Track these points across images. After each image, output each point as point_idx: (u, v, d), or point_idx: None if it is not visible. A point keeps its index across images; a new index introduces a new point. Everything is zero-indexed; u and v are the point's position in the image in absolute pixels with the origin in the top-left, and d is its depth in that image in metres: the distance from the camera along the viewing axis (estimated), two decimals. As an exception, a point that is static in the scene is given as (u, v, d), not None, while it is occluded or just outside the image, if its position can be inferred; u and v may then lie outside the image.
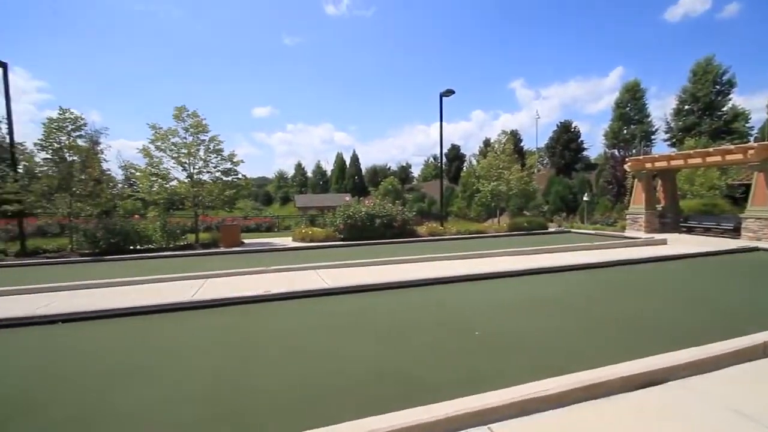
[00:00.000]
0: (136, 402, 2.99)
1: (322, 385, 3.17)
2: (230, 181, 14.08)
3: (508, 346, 3.95)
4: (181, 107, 13.00)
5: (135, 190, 14.38)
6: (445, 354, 3.80)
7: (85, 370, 3.68)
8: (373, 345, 4.11)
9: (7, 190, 11.72)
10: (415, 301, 5.96)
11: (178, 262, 10.64)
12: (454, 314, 5.27)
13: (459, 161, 57.41)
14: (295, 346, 4.17)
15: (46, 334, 4.79)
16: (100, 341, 4.52)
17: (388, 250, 11.84)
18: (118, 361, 3.87)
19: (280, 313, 5.47)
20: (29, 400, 3.08)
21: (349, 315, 5.31)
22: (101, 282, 7.64)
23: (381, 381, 3.21)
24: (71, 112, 12.16)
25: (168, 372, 3.57)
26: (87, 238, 11.93)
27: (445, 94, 17.04)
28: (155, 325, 5.06)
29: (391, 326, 4.75)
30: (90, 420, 2.76)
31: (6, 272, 9.64)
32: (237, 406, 2.88)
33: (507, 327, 4.61)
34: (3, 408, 2.97)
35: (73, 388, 3.31)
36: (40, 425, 2.71)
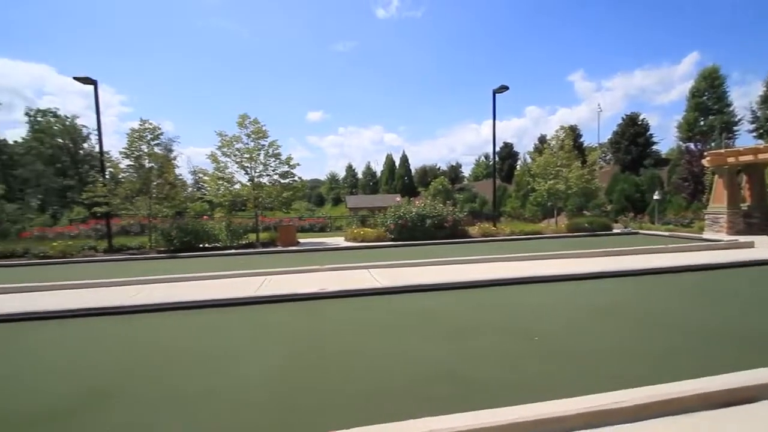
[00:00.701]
0: (210, 386, 3.25)
1: (379, 383, 3.23)
2: (287, 183, 14.78)
3: (570, 353, 3.76)
4: (244, 115, 13.90)
5: (203, 193, 15.61)
6: (504, 357, 3.70)
7: (166, 356, 4.07)
8: (428, 345, 4.11)
9: (97, 193, 13.26)
10: (470, 303, 5.86)
11: (241, 259, 11.37)
12: (512, 317, 5.11)
13: (512, 159, 55.34)
14: (351, 342, 4.29)
15: (132, 322, 5.35)
16: (178, 330, 4.97)
17: (439, 251, 11.75)
18: (194, 349, 4.23)
19: (335, 311, 5.64)
20: (122, 380, 3.48)
21: (403, 315, 5.35)
22: (177, 276, 8.36)
23: (438, 382, 3.20)
24: (150, 123, 13.50)
25: (237, 362, 3.83)
26: (163, 236, 13.16)
27: (499, 90, 16.53)
28: (225, 318, 5.45)
29: (447, 327, 4.71)
30: (176, 399, 3.05)
31: (96, 266, 10.92)
32: (298, 398, 3.03)
33: (569, 333, 4.38)
34: (103, 386, 3.37)
35: (159, 371, 3.68)
36: (136, 402, 3.04)
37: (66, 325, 5.28)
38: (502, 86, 16.46)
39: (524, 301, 5.95)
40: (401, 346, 4.10)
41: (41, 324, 5.34)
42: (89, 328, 5.16)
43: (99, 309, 5.74)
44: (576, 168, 18.06)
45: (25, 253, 12.86)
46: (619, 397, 2.66)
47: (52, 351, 4.40)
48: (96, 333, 4.97)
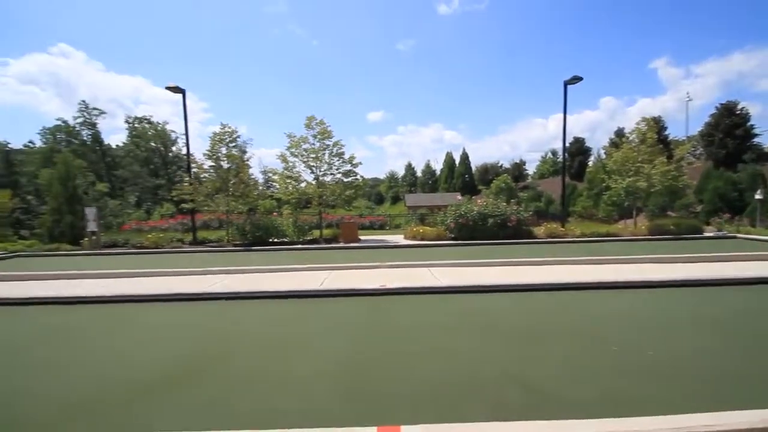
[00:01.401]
0: (284, 370, 3.49)
1: (443, 382, 3.21)
2: (349, 182, 15.24)
3: (654, 368, 3.43)
4: (311, 117, 14.60)
5: (273, 191, 16.67)
6: (578, 366, 3.49)
7: (244, 341, 4.43)
8: (493, 348, 4.00)
9: (183, 191, 14.76)
10: (537, 306, 5.60)
11: (306, 254, 11.97)
12: (585, 324, 4.79)
13: (583, 155, 51.45)
14: (413, 340, 4.32)
15: (212, 309, 5.89)
16: (253, 317, 5.38)
17: (502, 251, 11.35)
18: (268, 335, 4.56)
19: (397, 307, 5.71)
20: (208, 360, 3.86)
21: (466, 315, 5.27)
22: (250, 268, 9.03)
23: (505, 387, 3.11)
24: (229, 127, 14.73)
25: (306, 350, 4.06)
26: (239, 231, 14.30)
27: (571, 81, 15.48)
28: (294, 308, 5.78)
29: (513, 330, 4.55)
30: (254, 380, 3.32)
31: (183, 256, 12.16)
32: (363, 389, 3.12)
33: (654, 346, 4.00)
34: (193, 364, 3.77)
35: (238, 354, 4.02)
36: (220, 380, 3.37)
37: (162, 308, 5.96)
38: (574, 77, 15.40)
39: (599, 307, 5.54)
40: (465, 347, 4.05)
41: (142, 305, 6.10)
42: (178, 311, 5.79)
43: (187, 294, 6.41)
44: (661, 164, 16.30)
45: (126, 243, 14.74)
46: (710, 420, 2.39)
47: (152, 329, 5.00)
48: (184, 316, 5.55)
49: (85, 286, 7.48)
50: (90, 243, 14.01)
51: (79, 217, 15.53)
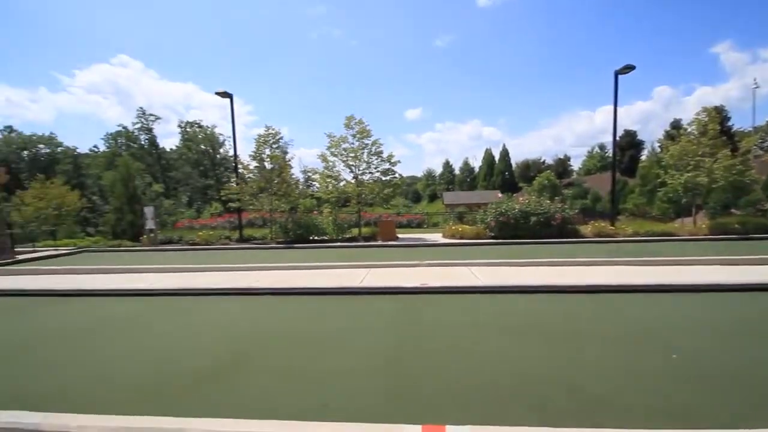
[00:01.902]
0: (324, 364, 3.59)
1: (483, 383, 3.15)
2: (388, 180, 15.32)
3: (722, 378, 3.17)
4: (351, 116, 14.84)
5: (312, 190, 17.12)
6: (631, 373, 3.30)
7: (287, 334, 4.60)
8: (538, 350, 3.88)
9: (231, 191, 15.52)
10: (585, 309, 5.35)
11: (346, 251, 12.18)
12: (639, 329, 4.51)
13: (635, 149, 48.42)
14: (453, 339, 4.27)
15: (259, 303, 6.16)
16: (295, 312, 5.56)
17: (545, 251, 10.94)
18: (310, 329, 4.70)
19: (437, 306, 5.67)
20: (254, 351, 4.05)
21: (508, 315, 5.14)
22: (293, 265, 9.34)
23: (551, 391, 3.01)
24: (272, 129, 15.30)
25: (346, 346, 4.15)
26: (281, 229, 14.83)
27: (622, 71, 14.59)
28: (335, 304, 5.92)
29: (559, 332, 4.39)
30: (296, 372, 3.45)
31: (231, 253, 12.79)
32: (401, 387, 3.14)
33: (721, 354, 3.70)
34: (239, 355, 3.98)
35: (282, 347, 4.19)
36: (264, 371, 3.53)
37: (214, 301, 6.32)
38: (626, 66, 14.50)
39: (655, 311, 5.20)
40: (507, 348, 3.96)
41: (196, 298, 6.50)
42: (229, 305, 6.11)
43: (236, 289, 6.75)
44: (724, 157, 14.97)
45: (179, 240, 15.74)
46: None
47: (205, 321, 5.32)
48: (234, 310, 5.85)
49: (146, 280, 8.08)
50: (148, 239, 15.11)
51: (138, 216, 16.79)
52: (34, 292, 7.13)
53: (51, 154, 54.91)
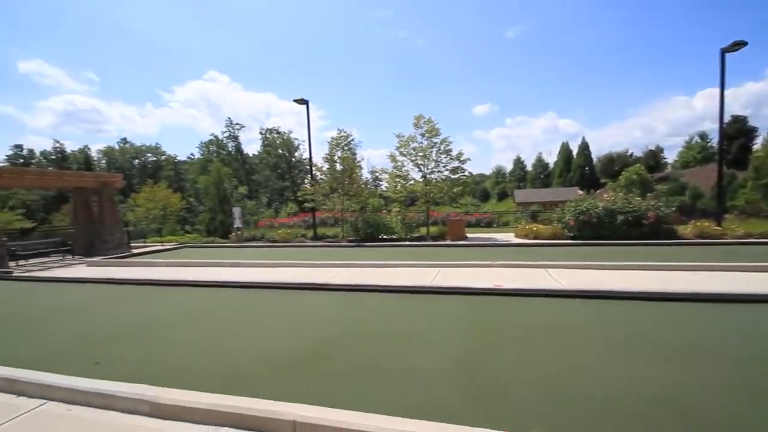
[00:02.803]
0: (403, 363, 3.68)
1: (570, 394, 3.00)
2: (457, 178, 15.10)
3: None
4: (419, 116, 14.90)
5: (380, 190, 17.50)
6: (747, 392, 2.90)
7: (365, 330, 4.79)
8: (632, 362, 3.56)
9: (306, 192, 16.49)
10: (686, 319, 4.77)
11: (414, 250, 12.25)
12: (755, 344, 3.93)
13: (746, 137, 41.66)
14: (533, 345, 4.10)
15: (335, 298, 6.48)
16: (369, 309, 5.76)
17: (635, 253, 9.93)
18: (385, 326, 4.85)
19: (512, 309, 5.48)
20: (332, 345, 4.29)
21: (590, 322, 4.79)
22: (364, 263, 9.64)
23: (651, 407, 2.76)
24: (344, 132, 15.97)
25: (419, 343, 4.20)
26: (352, 228, 15.39)
27: (730, 48, 12.67)
28: (407, 302, 6.00)
29: (655, 345, 3.98)
30: (371, 366, 3.59)
31: (307, 250, 13.59)
32: (477, 391, 3.11)
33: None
34: (322, 347, 4.24)
35: (360, 341, 4.38)
36: (347, 363, 3.72)
37: (295, 295, 6.81)
38: (735, 43, 12.56)
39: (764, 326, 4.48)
40: (588, 356, 3.70)
41: (279, 291, 7.05)
42: (309, 299, 6.52)
43: (314, 284, 7.19)
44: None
45: (261, 237, 17.12)
46: None
47: (289, 313, 5.76)
48: (313, 304, 6.24)
49: (237, 274, 8.96)
50: (236, 237, 16.68)
51: (227, 216, 18.61)
52: (147, 282, 8.29)
53: (156, 161, 63.19)
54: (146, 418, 2.90)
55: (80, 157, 58.02)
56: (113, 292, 7.64)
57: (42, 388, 3.30)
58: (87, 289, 8.19)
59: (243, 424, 2.66)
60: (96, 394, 3.10)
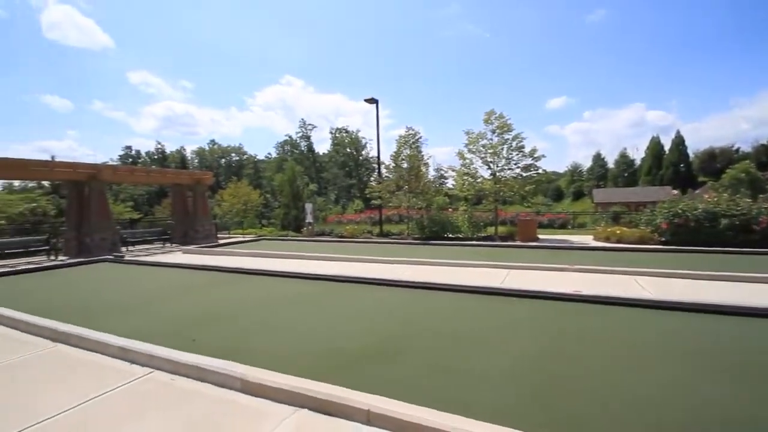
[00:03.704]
0: (471, 363, 3.60)
1: (650, 413, 2.71)
2: (529, 176, 14.35)
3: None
4: (491, 111, 14.41)
5: (446, 188, 17.27)
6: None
7: (432, 328, 4.78)
8: (733, 389, 3.12)
9: (374, 189, 16.86)
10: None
11: (482, 251, 11.90)
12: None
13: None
14: (613, 357, 3.76)
15: (403, 294, 6.53)
16: (437, 307, 5.72)
17: (741, 262, 8.59)
18: (452, 326, 4.78)
19: (592, 318, 5.07)
20: (400, 341, 4.34)
21: (694, 340, 4.26)
22: (430, 260, 9.61)
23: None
24: (412, 129, 16.04)
25: (487, 347, 4.08)
26: (417, 225, 15.41)
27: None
28: (474, 304, 5.85)
29: (757, 370, 3.44)
30: (448, 368, 3.57)
31: (373, 246, 13.89)
32: (555, 396, 2.93)
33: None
34: (388, 343, 4.31)
35: (427, 339, 4.38)
36: (409, 363, 3.75)
37: (365, 289, 7.01)
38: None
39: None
40: (691, 382, 3.29)
41: (350, 285, 7.32)
42: (378, 293, 6.66)
43: (383, 280, 7.34)
44: None
45: (330, 232, 17.86)
46: None
47: (359, 306, 5.95)
48: (382, 299, 6.37)
49: (310, 266, 9.48)
50: (307, 231, 17.65)
51: (300, 211, 19.73)
52: (232, 270, 9.11)
53: (239, 161, 68.98)
54: (237, 393, 3.20)
55: (177, 157, 65.53)
56: (204, 277, 8.53)
57: (150, 359, 3.80)
58: (183, 273, 9.25)
59: (321, 408, 2.83)
60: (195, 367, 3.50)
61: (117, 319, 5.40)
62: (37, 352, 4.29)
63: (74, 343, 4.38)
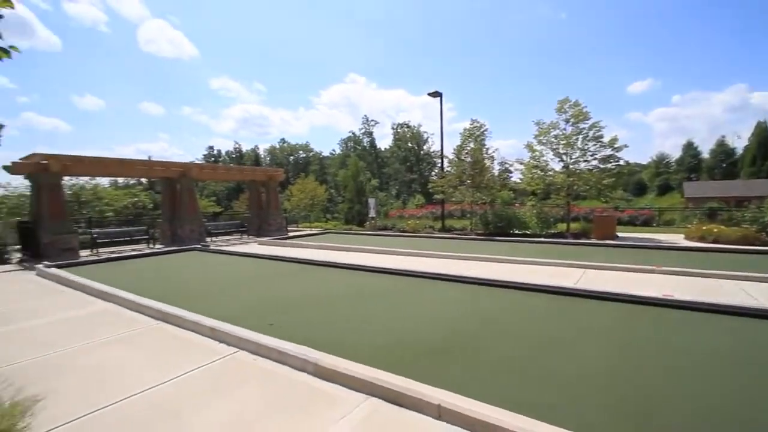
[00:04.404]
0: (546, 366, 3.43)
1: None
2: (609, 168, 13.19)
3: None
4: (565, 99, 13.48)
5: (511, 182, 16.52)
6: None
7: (499, 327, 4.63)
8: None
9: (437, 184, 16.70)
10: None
11: (552, 248, 11.23)
12: None
13: None
14: (714, 373, 3.34)
15: (467, 291, 6.40)
16: (505, 306, 5.53)
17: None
18: (520, 326, 4.60)
19: (686, 325, 4.55)
20: (468, 338, 4.27)
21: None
22: (496, 257, 9.29)
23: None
24: (477, 122, 15.58)
25: (563, 349, 3.84)
26: (481, 220, 14.98)
27: None
28: (547, 303, 5.55)
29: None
30: (517, 369, 3.45)
31: (436, 241, 13.78)
32: (636, 405, 2.68)
33: None
34: (454, 339, 4.26)
35: (490, 339, 4.26)
36: (477, 360, 3.67)
37: (431, 283, 7.01)
38: None
39: None
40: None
41: (416, 279, 7.36)
42: (445, 289, 6.62)
43: (447, 276, 7.28)
44: None
45: (393, 227, 18.06)
46: None
47: (425, 301, 5.98)
48: (449, 295, 6.32)
49: (376, 260, 9.70)
50: (370, 225, 18.04)
51: (363, 206, 20.21)
52: (303, 261, 9.63)
53: (306, 158, 72.36)
54: (311, 376, 3.40)
55: (252, 155, 70.58)
56: (277, 267, 9.14)
57: (236, 339, 4.17)
58: (259, 262, 9.99)
59: (392, 398, 2.89)
60: (274, 350, 3.78)
61: (204, 301, 6.00)
62: (142, 328, 4.93)
63: (173, 322, 4.96)
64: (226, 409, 2.94)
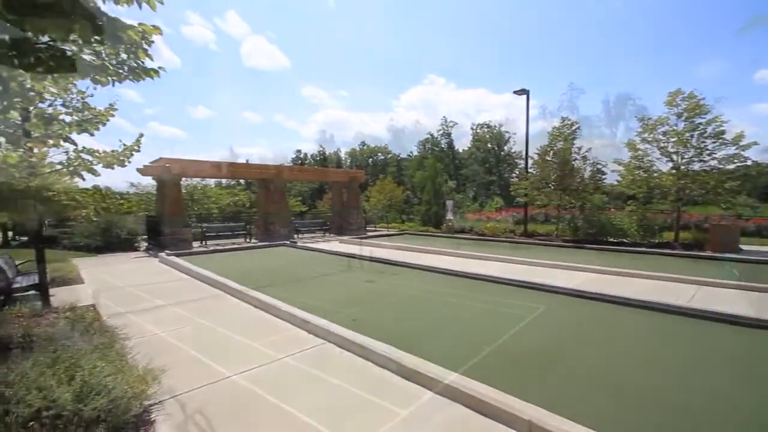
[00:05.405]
0: (660, 391, 3.08)
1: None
2: (732, 169, 11.27)
3: None
4: (676, 91, 11.83)
5: (606, 185, 14.97)
6: None
7: (602, 344, 4.27)
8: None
9: (520, 186, 15.88)
10: None
11: (656, 260, 9.98)
12: None
13: None
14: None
15: (556, 301, 6.00)
16: (599, 320, 5.08)
17: None
18: (617, 343, 4.18)
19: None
20: (559, 352, 4.01)
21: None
22: (588, 267, 8.51)
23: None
24: (568, 120, 14.46)
25: (681, 374, 3.41)
26: (569, 226, 13.86)
27: None
28: (649, 321, 4.99)
29: None
30: (619, 390, 3.16)
31: (518, 247, 13.12)
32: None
33: None
34: (543, 353, 4.04)
35: (582, 353, 3.94)
36: (570, 376, 3.43)
37: (510, 291, 6.73)
38: None
39: None
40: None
41: (497, 286, 7.13)
42: (527, 297, 6.31)
43: (532, 284, 6.91)
44: None
45: (471, 229, 17.62)
46: None
47: (508, 308, 5.76)
48: (533, 303, 6.00)
49: (450, 262, 9.59)
50: (447, 227, 17.82)
51: (440, 207, 20.05)
52: (381, 260, 9.90)
53: (384, 159, 74.00)
54: (393, 375, 3.51)
55: (334, 158, 74.30)
56: (357, 265, 9.54)
57: (324, 332, 4.47)
58: (341, 260, 10.53)
59: (478, 408, 2.86)
60: (359, 345, 3.97)
61: (295, 293, 6.52)
62: (247, 317, 5.53)
63: (273, 312, 5.47)
64: (320, 394, 3.17)
